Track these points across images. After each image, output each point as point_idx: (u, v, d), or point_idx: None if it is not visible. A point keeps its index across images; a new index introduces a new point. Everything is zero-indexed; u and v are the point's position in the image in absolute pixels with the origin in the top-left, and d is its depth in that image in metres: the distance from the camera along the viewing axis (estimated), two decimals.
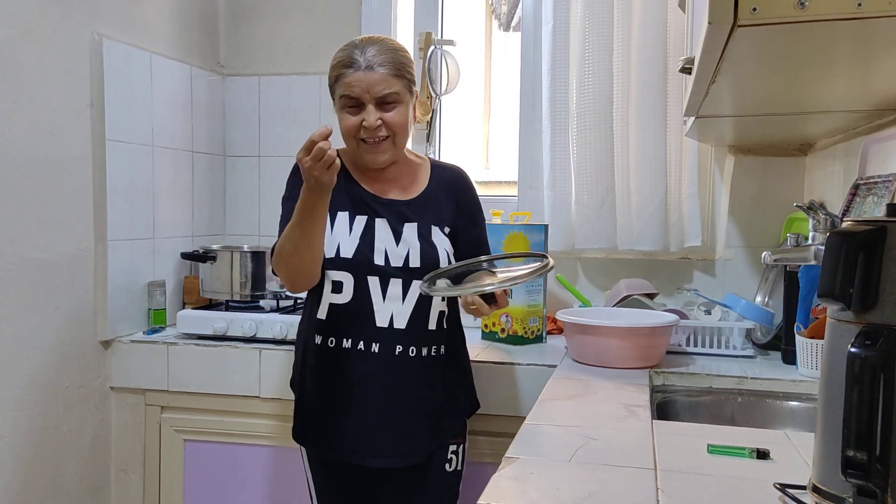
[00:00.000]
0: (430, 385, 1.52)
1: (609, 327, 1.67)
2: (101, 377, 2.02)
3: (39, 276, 1.81)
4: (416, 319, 1.48)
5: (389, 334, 1.47)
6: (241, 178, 2.54)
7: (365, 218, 1.51)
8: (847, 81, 1.22)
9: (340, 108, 1.49)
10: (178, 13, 2.30)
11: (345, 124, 1.49)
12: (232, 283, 2.18)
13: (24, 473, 1.80)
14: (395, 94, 1.46)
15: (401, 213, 1.52)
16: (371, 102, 1.45)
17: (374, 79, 1.44)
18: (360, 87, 1.44)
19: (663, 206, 2.16)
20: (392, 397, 1.48)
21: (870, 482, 0.74)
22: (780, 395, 1.59)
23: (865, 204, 1.53)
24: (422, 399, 1.50)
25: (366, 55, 1.45)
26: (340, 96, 1.48)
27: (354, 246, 1.48)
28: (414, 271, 1.47)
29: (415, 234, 1.50)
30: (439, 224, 1.54)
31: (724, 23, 0.84)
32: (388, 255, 1.48)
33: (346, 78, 1.46)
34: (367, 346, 1.47)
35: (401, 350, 1.48)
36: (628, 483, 0.96)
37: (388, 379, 1.48)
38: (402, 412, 1.49)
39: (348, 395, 1.49)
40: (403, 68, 1.48)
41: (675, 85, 2.12)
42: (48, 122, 1.82)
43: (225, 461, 2.00)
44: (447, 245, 1.53)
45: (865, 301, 0.77)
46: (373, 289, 1.47)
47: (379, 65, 1.44)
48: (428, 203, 1.55)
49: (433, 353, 1.51)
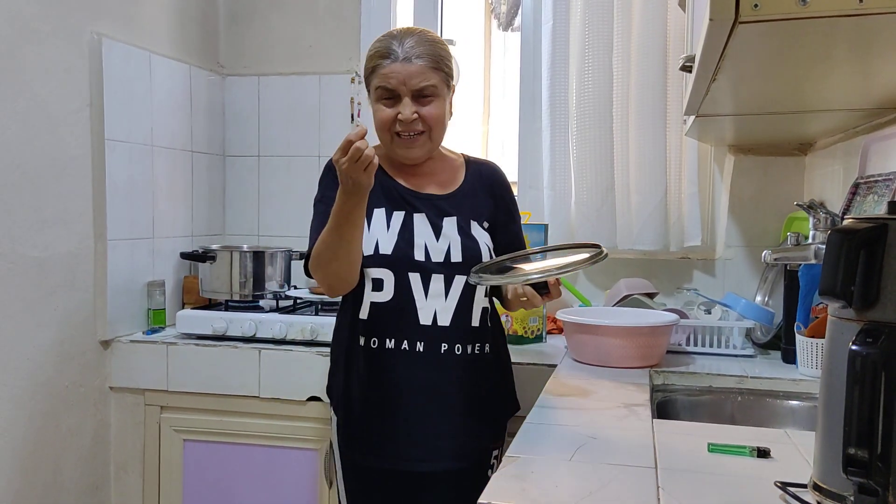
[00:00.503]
0: (477, 384, 1.47)
1: (609, 327, 1.67)
2: (100, 377, 2.02)
3: (39, 276, 1.80)
4: (460, 316, 1.44)
5: (434, 332, 1.42)
6: (240, 178, 2.54)
7: (402, 213, 1.47)
8: (848, 79, 1.22)
9: (376, 99, 1.45)
10: (178, 13, 2.29)
11: (380, 117, 1.45)
12: (231, 283, 2.17)
13: (24, 473, 1.79)
14: (433, 87, 1.42)
15: (439, 208, 1.48)
16: (407, 95, 1.41)
17: (411, 71, 1.40)
18: (397, 79, 1.40)
19: (663, 205, 2.16)
20: (439, 398, 1.43)
21: (871, 480, 0.73)
22: (781, 395, 1.59)
23: (866, 203, 1.52)
24: (469, 399, 1.46)
25: (403, 46, 1.41)
26: (376, 88, 1.44)
27: (393, 242, 1.43)
28: (455, 266, 1.43)
29: (454, 229, 1.46)
30: (478, 219, 1.51)
31: (726, 19, 0.84)
32: (428, 250, 1.43)
33: (383, 69, 1.41)
34: (412, 346, 1.42)
35: (446, 348, 1.43)
36: (629, 481, 0.95)
37: (434, 379, 1.43)
38: (449, 414, 1.44)
39: (394, 397, 1.44)
40: (442, 61, 1.44)
41: (675, 85, 2.12)
42: (47, 122, 1.82)
43: (224, 461, 2.00)
44: (487, 239, 1.50)
45: (867, 299, 0.76)
46: (414, 285, 1.42)
47: (417, 56, 1.40)
48: (466, 198, 1.52)
49: (477, 350, 1.47)
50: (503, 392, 1.60)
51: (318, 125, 2.48)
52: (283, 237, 2.47)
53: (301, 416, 1.94)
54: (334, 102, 2.45)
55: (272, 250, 2.25)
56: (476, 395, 1.48)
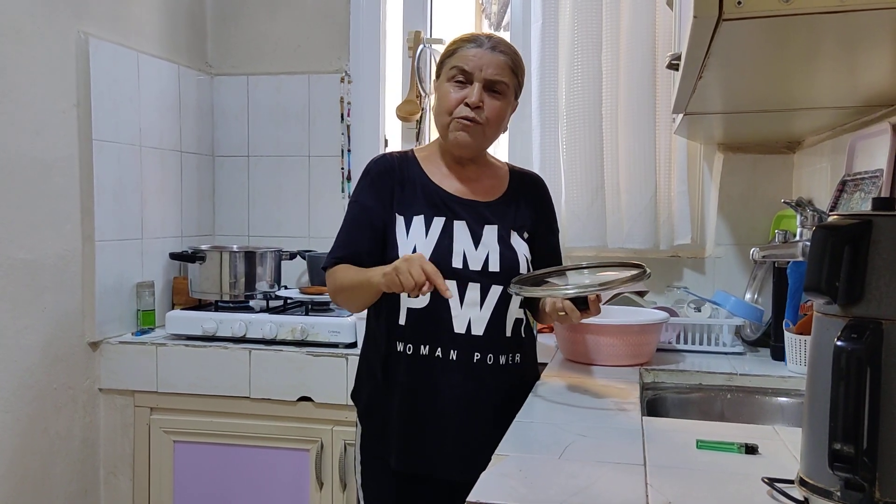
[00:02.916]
0: (508, 395, 1.43)
1: (599, 325, 1.67)
2: (89, 379, 2.01)
3: (26, 278, 1.79)
4: (494, 326, 1.41)
5: (467, 341, 1.40)
6: (229, 178, 2.53)
7: (443, 220, 1.44)
8: (833, 77, 1.23)
9: (447, 79, 1.44)
10: (166, 12, 2.28)
11: (446, 97, 1.43)
12: (221, 284, 2.17)
13: (12, 476, 1.78)
14: (504, 85, 1.43)
15: (481, 215, 1.45)
16: (480, 81, 1.41)
17: (492, 59, 1.41)
18: (475, 63, 1.40)
19: (653, 204, 2.17)
20: (471, 408, 1.41)
21: (857, 475, 0.74)
22: (770, 392, 1.60)
23: (853, 200, 1.53)
24: (500, 410, 1.40)
25: (492, 40, 1.44)
26: (451, 67, 1.43)
27: (431, 248, 1.40)
28: (493, 276, 1.41)
29: (494, 238, 1.44)
30: (519, 229, 1.48)
31: (710, 17, 0.84)
32: (466, 258, 1.41)
33: (465, 51, 1.42)
34: (445, 354, 1.40)
35: (479, 357, 1.41)
36: (618, 479, 0.95)
37: (466, 388, 1.40)
38: (481, 423, 1.41)
39: (428, 405, 1.41)
40: (519, 67, 1.46)
41: (664, 84, 2.13)
42: (34, 122, 1.80)
43: (215, 462, 1.99)
44: (526, 250, 1.48)
45: (851, 295, 0.77)
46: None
47: (501, 51, 1.43)
48: (508, 206, 1.50)
49: (510, 361, 1.45)
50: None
51: (307, 125, 2.48)
52: (273, 237, 2.47)
53: (292, 416, 1.94)
54: (323, 102, 2.45)
55: (262, 250, 2.24)
56: (507, 406, 1.42)
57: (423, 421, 1.42)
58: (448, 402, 1.40)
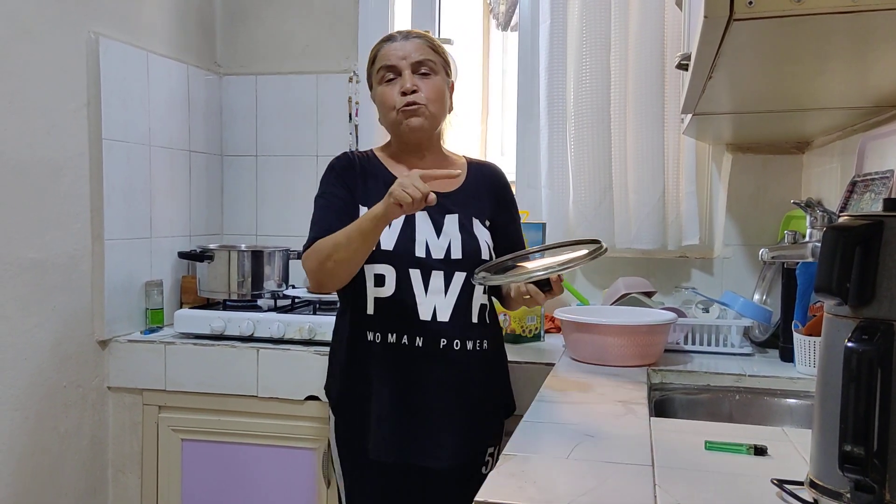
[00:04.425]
0: (476, 380, 1.49)
1: (607, 325, 1.67)
2: (98, 377, 2.02)
3: (36, 277, 1.80)
4: (459, 312, 1.46)
5: (433, 328, 1.45)
6: (238, 178, 2.54)
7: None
8: (844, 77, 1.22)
9: (378, 82, 1.52)
10: (175, 12, 2.29)
11: (383, 97, 1.50)
12: (229, 283, 2.17)
13: (22, 474, 1.79)
14: (431, 62, 1.50)
15: (442, 205, 1.47)
16: (407, 69, 1.48)
17: (410, 46, 1.50)
18: (397, 55, 1.49)
19: (661, 204, 2.16)
20: (441, 393, 1.45)
21: (867, 477, 0.73)
22: (778, 393, 1.59)
23: (863, 201, 1.52)
24: (468, 395, 1.47)
25: (402, 32, 1.54)
26: (378, 70, 1.52)
27: (395, 238, 1.45)
28: (456, 263, 1.46)
29: (456, 226, 1.49)
30: (480, 217, 1.53)
31: (721, 17, 0.84)
32: (429, 247, 1.46)
33: (384, 50, 1.51)
34: (412, 341, 1.45)
35: (445, 344, 1.45)
36: (626, 479, 0.95)
37: (435, 374, 1.45)
38: (449, 410, 1.45)
39: (398, 392, 1.45)
40: (439, 48, 1.54)
41: (673, 83, 2.12)
42: (44, 122, 1.81)
43: (223, 461, 2.00)
44: (488, 237, 1.52)
45: (862, 296, 0.76)
46: (415, 281, 1.45)
47: (416, 36, 1.52)
48: (468, 196, 1.55)
49: (476, 347, 1.49)
50: (501, 390, 1.60)
51: (315, 124, 2.48)
52: (280, 237, 2.47)
53: (299, 415, 1.94)
54: (332, 102, 2.46)
55: (270, 250, 2.24)
56: (474, 392, 1.49)
57: (394, 408, 1.46)
58: (416, 388, 1.45)
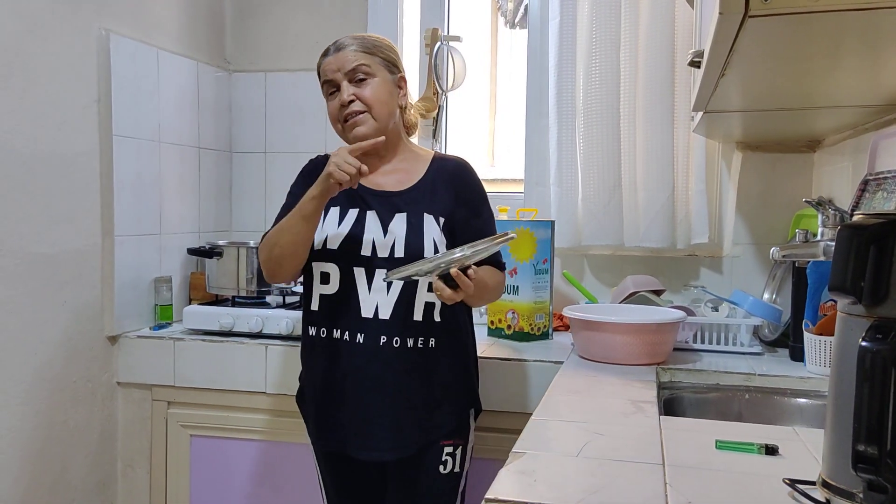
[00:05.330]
0: (418, 377, 1.50)
1: (615, 324, 1.67)
2: (107, 372, 2.03)
3: (47, 272, 1.81)
4: (401, 310, 1.48)
5: (374, 325, 1.48)
6: (247, 175, 2.55)
7: (357, 210, 1.53)
8: (857, 75, 1.21)
9: (325, 97, 1.57)
10: (185, 9, 2.30)
11: (329, 111, 1.55)
12: (238, 279, 2.18)
13: (32, 469, 1.80)
14: (366, 67, 1.51)
15: (392, 204, 1.53)
16: (344, 80, 1.51)
17: (342, 57, 1.51)
18: (331, 68, 1.52)
19: (670, 202, 2.15)
20: (378, 388, 1.48)
21: (880, 477, 0.73)
22: (788, 392, 1.58)
23: (875, 200, 1.51)
24: (408, 391, 1.49)
25: (336, 42, 1.54)
26: (322, 85, 1.56)
27: (341, 238, 1.50)
28: (399, 261, 1.47)
29: (403, 225, 1.50)
30: (434, 213, 1.52)
31: (735, 13, 0.83)
32: (375, 246, 1.49)
33: (322, 66, 1.54)
34: (353, 337, 1.49)
35: (385, 340, 1.48)
36: (636, 478, 0.95)
37: (373, 369, 1.48)
38: (389, 403, 1.48)
39: (339, 385, 1.50)
40: (375, 47, 1.54)
41: (683, 81, 2.11)
42: (55, 118, 1.82)
43: (231, 457, 2.00)
44: (437, 234, 1.51)
45: (876, 295, 0.76)
46: (358, 279, 1.49)
47: (347, 45, 1.52)
48: (423, 193, 1.55)
49: (420, 344, 1.50)
50: (456, 388, 1.57)
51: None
52: None
53: None
54: None
55: None
56: (418, 387, 1.50)
57: (333, 402, 1.51)
58: (356, 383, 1.49)
